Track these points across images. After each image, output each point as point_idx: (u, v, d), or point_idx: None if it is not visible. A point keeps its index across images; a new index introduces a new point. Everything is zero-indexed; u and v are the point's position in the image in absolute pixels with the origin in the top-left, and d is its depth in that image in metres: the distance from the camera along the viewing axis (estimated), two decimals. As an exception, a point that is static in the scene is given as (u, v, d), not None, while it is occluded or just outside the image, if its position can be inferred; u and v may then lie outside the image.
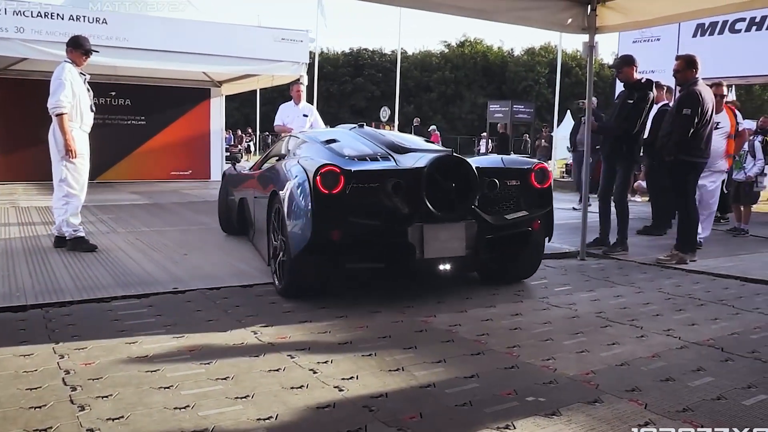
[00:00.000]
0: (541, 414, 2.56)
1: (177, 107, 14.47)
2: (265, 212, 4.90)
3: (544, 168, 4.75)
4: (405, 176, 4.15)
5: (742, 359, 3.31)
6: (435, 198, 4.12)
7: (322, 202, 3.96)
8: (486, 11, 5.76)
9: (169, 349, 3.29)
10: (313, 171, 3.98)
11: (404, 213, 4.15)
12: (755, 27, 16.45)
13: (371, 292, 4.62)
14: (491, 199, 4.49)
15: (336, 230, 4.01)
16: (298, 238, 4.07)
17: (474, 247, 4.35)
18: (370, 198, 4.13)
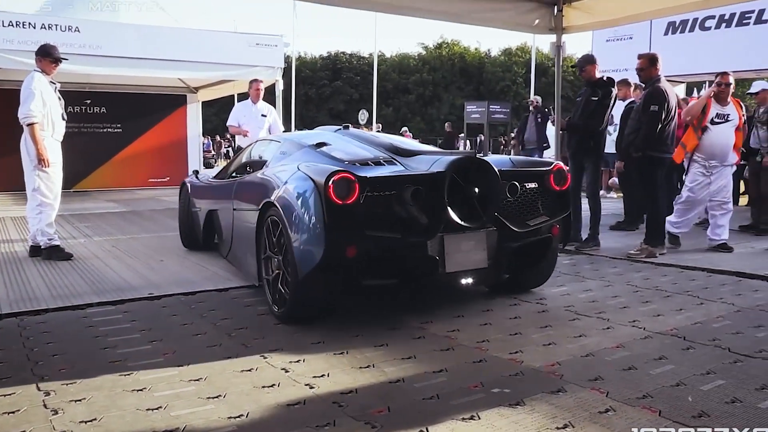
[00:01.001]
0: (506, 404, 2.64)
1: (153, 114, 14.43)
2: (252, 226, 4.34)
3: (562, 169, 4.40)
4: (424, 182, 3.70)
5: (703, 347, 3.42)
6: (457, 205, 3.77)
7: (335, 214, 3.46)
8: (454, 14, 5.87)
9: (144, 353, 3.33)
10: (324, 178, 3.47)
11: (425, 223, 3.73)
12: (725, 24, 16.75)
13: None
14: (511, 204, 4.16)
15: (351, 246, 3.51)
16: (306, 256, 3.56)
17: (496, 258, 4.01)
18: (387, 208, 3.68)
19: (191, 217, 6.32)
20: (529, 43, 36.78)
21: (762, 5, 15.66)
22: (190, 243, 6.39)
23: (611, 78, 6.39)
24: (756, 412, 2.58)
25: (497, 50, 50.68)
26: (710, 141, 6.29)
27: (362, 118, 25.01)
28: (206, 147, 26.27)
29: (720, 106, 6.31)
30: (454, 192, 3.76)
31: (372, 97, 26.57)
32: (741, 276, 5.18)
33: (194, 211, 6.23)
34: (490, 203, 3.89)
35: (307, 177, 3.68)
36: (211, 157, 20.03)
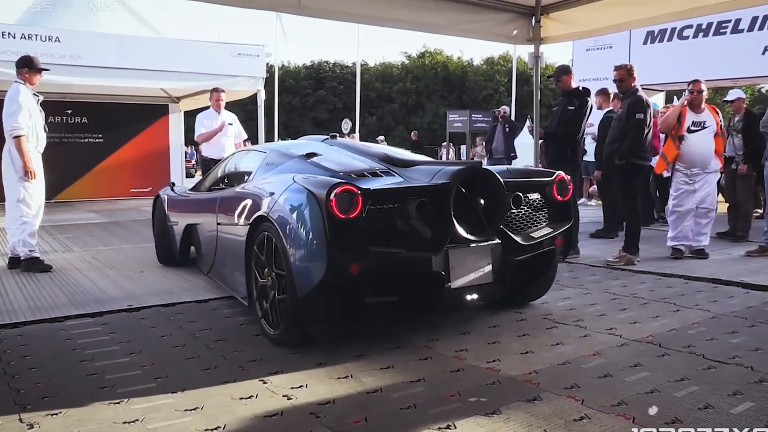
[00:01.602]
0: (482, 413, 2.67)
1: (135, 124, 14.36)
2: (240, 242, 4.10)
3: (564, 179, 4.29)
4: (429, 194, 3.55)
5: (678, 354, 3.47)
6: (463, 218, 3.63)
7: (338, 228, 3.26)
8: (434, 25, 5.94)
9: (122, 365, 3.32)
10: (325, 191, 3.27)
11: (430, 237, 3.56)
12: (702, 33, 16.99)
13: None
14: (516, 216, 4.06)
15: (354, 262, 3.32)
16: (306, 275, 3.36)
17: (500, 272, 3.85)
18: (390, 222, 3.50)
19: (167, 231, 6.05)
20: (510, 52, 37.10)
21: (738, 15, 15.91)
22: (166, 258, 6.11)
23: (587, 88, 6.50)
24: (728, 418, 2.62)
25: (480, 59, 50.95)
26: (689, 149, 6.35)
27: (345, 127, 25.04)
28: (189, 156, 26.17)
29: (695, 113, 6.39)
30: (459, 204, 3.62)
31: (355, 106, 26.60)
32: (717, 283, 5.26)
33: (170, 225, 5.98)
34: (495, 215, 3.77)
35: (305, 189, 3.46)
36: (192, 167, 19.92)
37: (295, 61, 50.30)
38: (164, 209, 6.11)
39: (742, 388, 2.93)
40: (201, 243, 5.35)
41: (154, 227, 6.50)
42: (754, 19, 15.73)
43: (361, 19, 5.77)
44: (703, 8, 5.68)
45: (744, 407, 2.72)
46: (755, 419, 2.60)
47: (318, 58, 53.14)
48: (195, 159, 27.57)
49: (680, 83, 18.61)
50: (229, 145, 7.94)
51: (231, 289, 4.54)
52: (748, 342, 3.66)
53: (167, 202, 6.11)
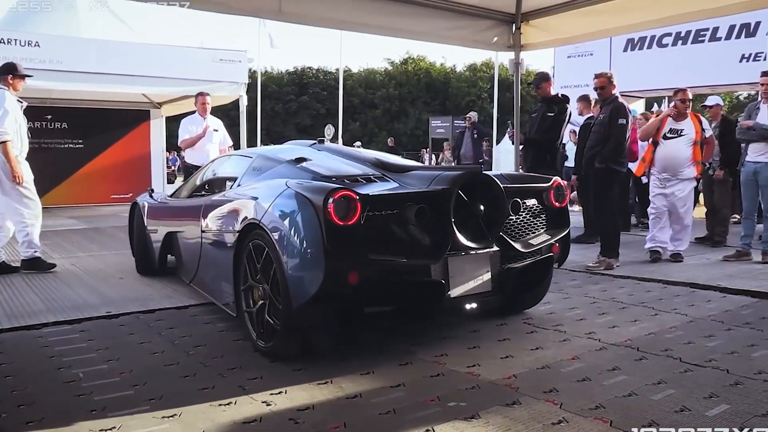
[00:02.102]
0: (461, 418, 2.67)
1: (116, 129, 14.27)
2: (227, 251, 3.94)
3: (561, 185, 4.24)
4: (428, 200, 3.44)
5: (656, 357, 3.50)
6: (462, 224, 3.54)
7: (336, 236, 3.12)
8: (415, 32, 5.98)
9: (100, 373, 3.28)
10: (322, 197, 3.14)
11: (430, 245, 3.46)
12: (681, 41, 17.22)
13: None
14: (514, 223, 3.99)
15: (353, 271, 3.19)
16: (302, 285, 3.21)
17: (500, 280, 3.77)
18: (389, 229, 3.38)
19: (145, 240, 5.85)
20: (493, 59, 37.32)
21: (716, 24, 16.14)
22: (145, 268, 5.90)
23: (566, 95, 6.58)
24: (703, 420, 2.65)
25: (462, 66, 51.36)
26: (662, 155, 6.55)
27: (328, 132, 25.03)
28: (172, 162, 26.02)
29: (675, 121, 6.49)
30: (459, 210, 3.52)
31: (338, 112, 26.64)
32: (694, 287, 5.32)
33: (149, 233, 5.78)
34: (495, 222, 3.69)
35: (301, 195, 3.30)
36: (171, 173, 19.81)
37: (278, 67, 50.26)
38: (143, 217, 5.92)
39: (718, 391, 2.97)
40: (183, 251, 5.14)
41: (131, 236, 6.35)
42: (731, 28, 15.97)
43: (342, 25, 5.79)
44: (679, 16, 5.75)
45: (720, 409, 2.75)
46: (730, 421, 2.63)
47: (301, 64, 53.22)
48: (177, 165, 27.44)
49: (660, 90, 18.91)
50: (213, 151, 7.72)
51: (216, 299, 4.35)
52: (725, 345, 3.71)
53: (146, 209, 5.93)
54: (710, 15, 5.79)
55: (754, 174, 6.46)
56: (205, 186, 5.32)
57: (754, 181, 6.49)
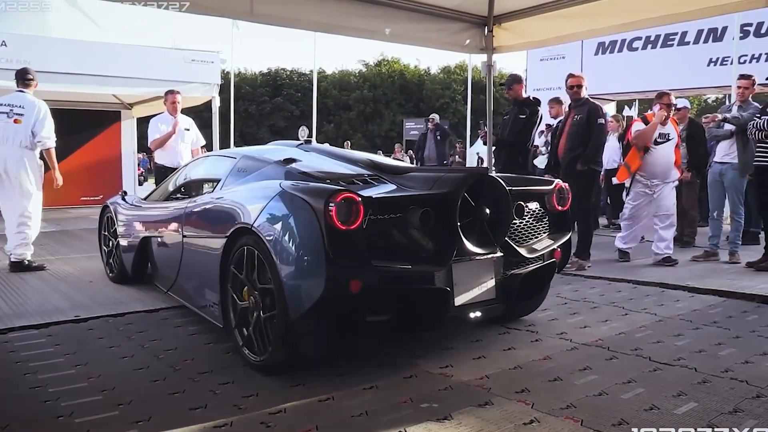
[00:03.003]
0: (434, 419, 2.68)
1: (86, 131, 14.04)
2: (213, 257, 3.67)
3: (564, 188, 4.08)
4: (433, 203, 3.29)
5: (626, 356, 3.55)
6: (467, 229, 3.38)
7: (338, 241, 2.94)
8: (390, 34, 5.95)
9: (67, 378, 3.22)
10: (323, 199, 2.95)
11: (434, 250, 3.30)
12: (650, 45, 17.49)
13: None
14: (518, 227, 3.84)
15: (355, 279, 2.98)
16: (300, 294, 3.01)
17: (503, 287, 3.61)
18: (392, 233, 3.21)
19: (118, 245, 5.55)
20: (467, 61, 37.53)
21: (684, 28, 16.42)
22: (117, 276, 5.59)
23: (537, 97, 6.65)
24: (672, 418, 2.69)
25: (436, 68, 51.57)
26: (653, 160, 6.44)
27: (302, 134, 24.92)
28: (142, 164, 25.71)
29: (661, 126, 6.48)
30: (464, 214, 3.37)
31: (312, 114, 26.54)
32: (664, 287, 5.39)
33: (122, 238, 5.49)
34: (500, 226, 3.53)
35: (298, 198, 3.12)
36: (140, 174, 19.58)
37: (252, 68, 50.00)
38: (114, 221, 5.66)
39: (686, 389, 3.01)
40: (161, 258, 4.88)
41: (101, 241, 6.10)
42: (700, 32, 16.25)
43: (314, 26, 5.78)
44: (648, 21, 5.84)
45: (688, 407, 2.80)
46: (698, 419, 2.67)
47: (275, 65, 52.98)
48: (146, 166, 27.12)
49: (630, 93, 19.17)
50: (185, 152, 7.42)
51: (199, 309, 4.08)
52: (693, 344, 3.77)
53: (118, 213, 5.66)
54: (678, 19, 5.89)
55: (720, 175, 6.58)
56: (185, 188, 5.06)
57: (720, 182, 6.61)
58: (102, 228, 6.08)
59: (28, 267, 6.14)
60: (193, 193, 4.85)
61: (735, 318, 4.42)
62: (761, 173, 6.08)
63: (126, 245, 5.40)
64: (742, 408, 2.78)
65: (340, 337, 3.42)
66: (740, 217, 6.62)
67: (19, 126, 6.16)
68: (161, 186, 5.61)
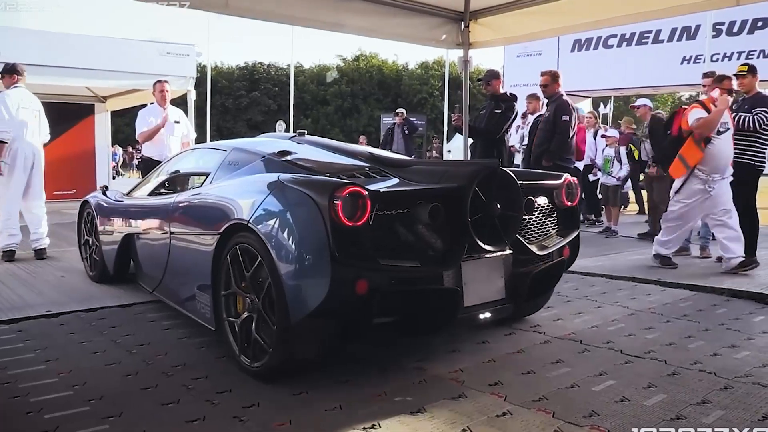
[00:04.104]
0: (407, 412, 2.69)
1: (58, 124, 13.70)
2: (204, 256, 3.46)
3: (572, 183, 3.93)
4: (442, 198, 3.09)
5: (598, 349, 3.59)
6: (478, 225, 3.17)
7: (344, 239, 2.73)
8: (365, 28, 5.97)
9: (37, 373, 3.18)
10: (327, 194, 2.74)
11: (442, 248, 3.12)
12: (626, 43, 17.68)
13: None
14: (528, 224, 3.68)
15: (362, 279, 2.79)
16: (303, 296, 2.81)
17: (512, 287, 3.47)
18: (400, 230, 3.02)
19: (99, 243, 5.30)
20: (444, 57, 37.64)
21: (659, 26, 16.61)
22: (98, 275, 5.34)
23: (514, 93, 6.70)
24: (642, 410, 2.72)
25: (414, 63, 51.60)
26: (716, 152, 5.69)
27: (279, 128, 24.81)
28: (114, 158, 25.41)
29: None
30: (474, 209, 3.17)
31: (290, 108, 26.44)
32: (637, 281, 5.47)
33: (103, 235, 5.25)
34: (511, 222, 3.34)
35: (300, 192, 2.91)
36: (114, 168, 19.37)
37: (229, 62, 49.58)
38: (95, 217, 5.40)
39: (656, 381, 3.06)
40: (145, 256, 4.63)
41: (80, 238, 5.85)
42: (674, 30, 16.46)
43: (289, 20, 5.74)
44: (623, 18, 5.89)
45: (657, 399, 2.84)
46: (667, 410, 2.71)
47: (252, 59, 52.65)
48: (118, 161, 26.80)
49: (606, 90, 19.38)
50: (175, 144, 7.18)
51: (188, 310, 3.84)
52: (663, 337, 3.83)
53: (99, 208, 5.38)
54: (651, 17, 5.97)
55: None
56: (170, 182, 4.87)
57: None
58: (81, 224, 5.82)
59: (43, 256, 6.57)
60: (179, 187, 4.69)
61: (705, 311, 4.49)
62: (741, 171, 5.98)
63: (107, 243, 5.17)
64: (710, 399, 2.83)
65: (344, 341, 3.28)
66: None
67: (37, 121, 6.65)
68: (144, 180, 5.38)
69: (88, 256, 5.61)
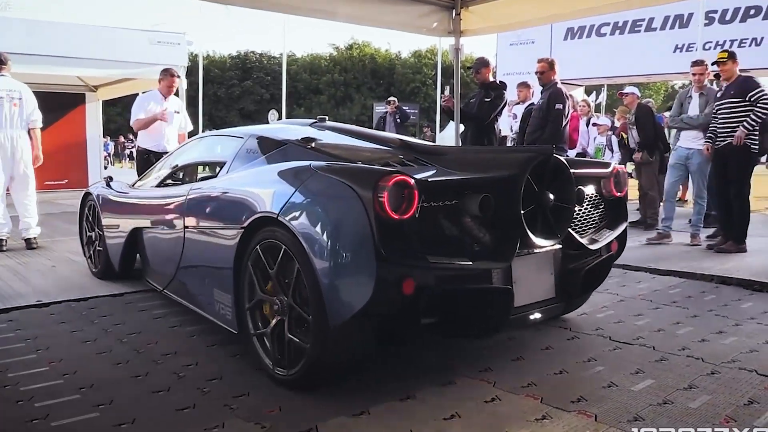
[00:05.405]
0: (397, 399, 2.71)
1: (49, 114, 13.54)
2: (225, 252, 3.17)
3: (621, 171, 3.65)
4: (492, 188, 2.82)
5: (587, 336, 3.62)
6: (530, 217, 2.90)
7: (390, 233, 2.48)
8: (355, 16, 5.95)
9: (27, 362, 3.18)
10: (371, 183, 2.49)
11: (496, 243, 2.86)
12: (618, 31, 17.67)
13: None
14: (579, 216, 3.40)
15: (409, 279, 2.53)
16: (345, 297, 2.54)
17: (563, 284, 3.23)
18: (448, 224, 2.76)
19: (102, 237, 4.99)
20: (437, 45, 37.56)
21: (651, 14, 16.60)
22: (102, 271, 5.04)
23: (503, 81, 6.70)
24: (630, 395, 2.75)
25: (407, 52, 51.42)
26: None
27: (272, 118, 24.70)
28: (106, 148, 25.29)
29: None
30: (529, 201, 2.91)
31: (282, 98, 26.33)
32: (627, 268, 5.49)
33: (108, 230, 4.93)
34: (564, 214, 3.09)
35: (338, 181, 2.66)
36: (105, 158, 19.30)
37: (221, 51, 49.35)
38: (98, 210, 5.08)
39: (644, 367, 3.09)
40: (155, 252, 4.31)
41: (82, 233, 5.52)
42: (666, 18, 16.44)
43: (279, 8, 5.70)
44: (613, 5, 5.89)
45: (645, 384, 2.87)
46: (654, 395, 2.74)
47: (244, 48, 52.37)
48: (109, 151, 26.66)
49: (598, 78, 19.37)
50: (172, 136, 6.88)
51: (205, 311, 3.55)
52: (652, 323, 3.86)
53: (103, 201, 5.05)
54: (642, 4, 5.98)
55: (686, 159, 6.66)
56: (178, 174, 4.59)
57: (683, 166, 6.70)
58: (83, 218, 5.49)
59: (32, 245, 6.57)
60: (191, 178, 4.49)
61: (694, 298, 4.53)
62: (722, 155, 6.13)
63: (112, 237, 4.85)
64: (696, 384, 2.86)
65: (388, 345, 3.09)
66: (703, 200, 6.73)
67: (17, 109, 6.44)
68: (152, 171, 5.06)
69: (92, 252, 5.29)
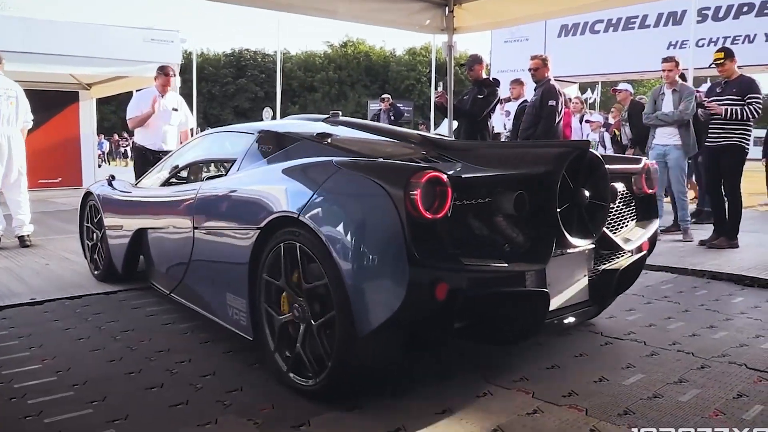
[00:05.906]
0: (388, 392, 2.72)
1: (43, 112, 13.59)
2: (240, 254, 2.99)
3: (652, 168, 3.54)
4: (527, 185, 2.67)
5: (579, 332, 3.63)
6: (565, 216, 2.74)
7: (423, 234, 2.32)
8: (347, 13, 5.95)
9: (20, 360, 3.18)
10: (402, 180, 2.33)
11: (532, 243, 2.70)
12: (612, 28, 17.73)
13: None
14: (612, 214, 3.26)
15: (441, 283, 2.35)
16: (374, 304, 2.37)
17: (596, 286, 3.11)
18: (481, 223, 2.61)
19: (104, 238, 4.82)
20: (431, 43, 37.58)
21: (645, 11, 16.65)
22: (104, 273, 4.87)
23: (496, 78, 6.72)
24: (620, 389, 2.77)
25: (402, 50, 51.46)
26: None
27: (266, 116, 24.69)
28: (100, 147, 25.23)
29: None
30: (564, 199, 2.76)
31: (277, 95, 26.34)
32: (619, 264, 5.51)
33: (110, 231, 4.75)
34: (599, 212, 2.93)
35: (365, 178, 2.51)
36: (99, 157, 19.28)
37: (215, 49, 49.26)
38: (100, 210, 4.89)
39: (635, 362, 3.11)
40: (162, 254, 4.13)
41: (83, 234, 5.32)
42: (660, 16, 16.50)
43: (271, 5, 5.70)
44: (605, 2, 5.91)
45: (635, 378, 2.89)
46: (644, 389, 2.76)
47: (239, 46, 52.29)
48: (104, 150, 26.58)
49: (592, 75, 19.42)
50: (171, 133, 6.82)
51: (216, 316, 3.36)
52: (644, 318, 3.88)
53: (105, 200, 4.87)
54: (634, 1, 5.98)
55: (663, 156, 6.68)
56: (184, 172, 4.39)
57: (662, 163, 6.71)
58: (84, 218, 5.28)
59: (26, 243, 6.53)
60: (198, 176, 4.34)
61: (685, 293, 4.56)
62: (715, 153, 6.17)
63: (115, 238, 4.66)
64: (686, 378, 2.89)
65: (419, 351, 2.98)
66: (684, 195, 6.75)
67: (13, 108, 6.50)
68: (155, 169, 4.88)
69: (93, 254, 5.10)
